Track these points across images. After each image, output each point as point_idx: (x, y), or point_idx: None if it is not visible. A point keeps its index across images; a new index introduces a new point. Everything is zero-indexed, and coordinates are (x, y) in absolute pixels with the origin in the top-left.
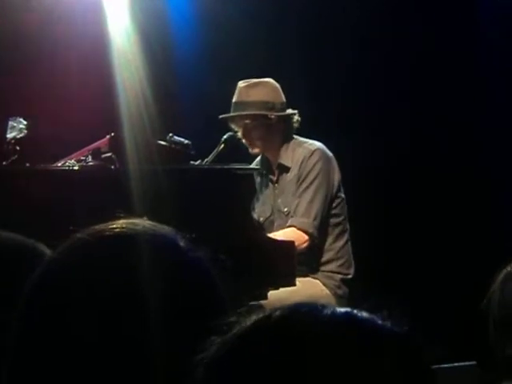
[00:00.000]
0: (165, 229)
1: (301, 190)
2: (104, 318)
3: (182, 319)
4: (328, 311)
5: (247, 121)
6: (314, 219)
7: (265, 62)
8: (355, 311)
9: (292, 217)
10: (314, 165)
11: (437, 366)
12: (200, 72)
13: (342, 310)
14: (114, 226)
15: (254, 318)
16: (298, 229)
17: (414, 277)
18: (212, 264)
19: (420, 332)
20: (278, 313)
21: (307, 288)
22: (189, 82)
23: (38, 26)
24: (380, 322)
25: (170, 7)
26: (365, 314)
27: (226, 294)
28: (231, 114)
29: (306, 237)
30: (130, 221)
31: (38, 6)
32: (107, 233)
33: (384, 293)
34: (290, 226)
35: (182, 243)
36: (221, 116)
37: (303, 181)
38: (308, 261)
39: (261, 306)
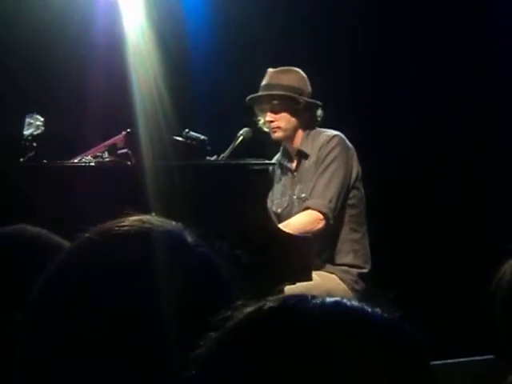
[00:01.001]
0: (172, 225)
1: (318, 173)
2: (114, 317)
3: (191, 315)
4: (317, 301)
5: (276, 101)
6: (330, 202)
7: (280, 56)
8: (345, 301)
9: (307, 199)
10: (332, 149)
11: (451, 361)
12: (216, 67)
13: (332, 300)
14: (122, 224)
15: (246, 311)
16: (313, 209)
17: (419, 273)
18: (219, 259)
19: (427, 327)
20: (267, 305)
21: (324, 283)
22: (204, 77)
23: (53, 23)
24: (370, 310)
25: (185, 3)
26: (355, 303)
27: (234, 289)
28: (260, 93)
29: (321, 216)
30: (138, 218)
31: (53, 3)
32: (115, 231)
33: (389, 289)
34: (305, 209)
35: (189, 239)
36: (249, 97)
37: (320, 164)
38: (322, 252)
39: None
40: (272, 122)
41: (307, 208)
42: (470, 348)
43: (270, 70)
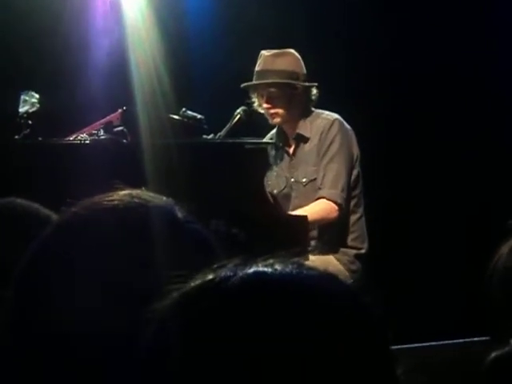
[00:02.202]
0: (163, 200)
1: (325, 162)
2: (100, 292)
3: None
4: (238, 276)
5: (272, 89)
6: (342, 191)
7: (278, 37)
8: (265, 269)
9: (320, 188)
10: (335, 136)
11: (447, 342)
12: (214, 47)
13: (251, 271)
14: (111, 198)
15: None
16: (328, 199)
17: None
18: (211, 235)
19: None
20: (195, 284)
21: (320, 263)
22: (203, 57)
23: (52, 1)
24: (291, 273)
25: None
26: (277, 267)
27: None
28: (256, 81)
29: (336, 207)
30: (127, 192)
31: None
32: (103, 205)
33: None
34: (318, 198)
35: (180, 214)
36: (244, 84)
37: (325, 152)
38: (323, 234)
39: None
40: (270, 108)
41: (321, 197)
42: (467, 329)
43: (264, 53)
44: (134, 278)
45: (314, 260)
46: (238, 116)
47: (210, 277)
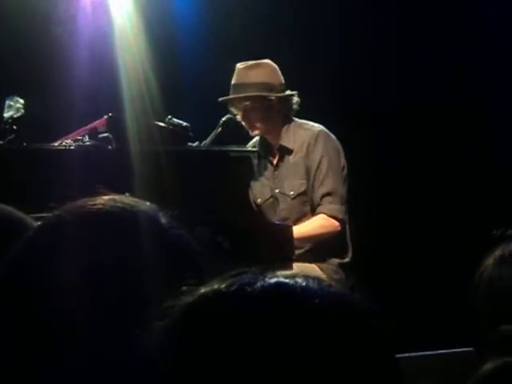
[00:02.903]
0: (146, 205)
1: (320, 177)
2: (82, 296)
3: (163, 297)
4: (259, 284)
5: (247, 102)
6: (342, 204)
7: (266, 44)
8: (287, 280)
9: (320, 205)
10: (323, 151)
11: (435, 352)
12: (201, 54)
13: (273, 281)
14: (94, 202)
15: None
16: (329, 216)
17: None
18: (194, 241)
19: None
20: (205, 294)
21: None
22: (190, 63)
23: (38, 5)
24: (313, 287)
25: None
26: (298, 280)
27: (207, 272)
28: (230, 96)
29: (337, 223)
30: (111, 197)
31: None
32: (86, 210)
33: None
34: (318, 213)
35: (163, 220)
36: (220, 99)
37: (317, 170)
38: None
39: None
40: (246, 121)
41: (322, 213)
42: (451, 340)
43: (239, 65)
44: (118, 282)
45: (297, 268)
46: (224, 124)
47: (227, 283)
